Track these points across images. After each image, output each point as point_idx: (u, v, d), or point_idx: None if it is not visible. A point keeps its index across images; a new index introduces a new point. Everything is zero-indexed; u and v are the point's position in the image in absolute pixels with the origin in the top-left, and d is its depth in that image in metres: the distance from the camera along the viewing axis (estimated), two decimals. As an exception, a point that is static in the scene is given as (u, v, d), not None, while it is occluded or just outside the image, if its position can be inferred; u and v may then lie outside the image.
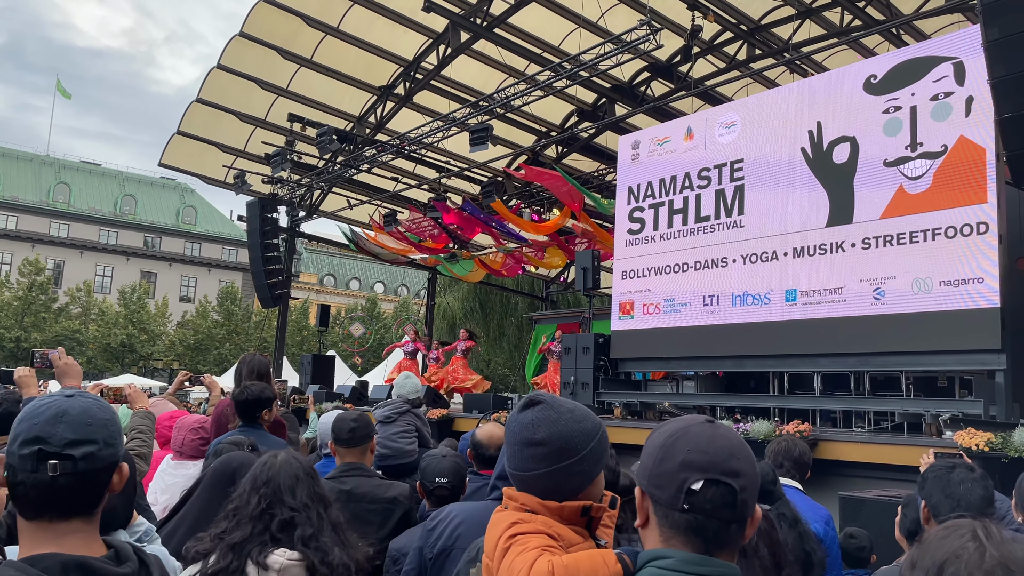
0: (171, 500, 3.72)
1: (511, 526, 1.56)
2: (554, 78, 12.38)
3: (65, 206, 50.91)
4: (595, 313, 13.04)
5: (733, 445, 1.29)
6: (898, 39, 11.98)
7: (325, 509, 2.14)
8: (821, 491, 5.86)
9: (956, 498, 2.52)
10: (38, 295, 40.39)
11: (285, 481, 2.12)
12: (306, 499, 2.10)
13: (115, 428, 1.45)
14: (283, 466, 2.16)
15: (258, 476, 2.15)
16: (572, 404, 1.70)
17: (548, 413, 1.64)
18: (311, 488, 2.14)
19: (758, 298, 8.88)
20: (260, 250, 17.19)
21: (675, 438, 1.30)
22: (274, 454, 2.22)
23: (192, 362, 41.14)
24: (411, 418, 5.97)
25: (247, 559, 1.98)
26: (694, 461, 1.26)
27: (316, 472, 2.24)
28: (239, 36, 14.78)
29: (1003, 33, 5.63)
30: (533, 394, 1.72)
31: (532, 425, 1.63)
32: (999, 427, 6.12)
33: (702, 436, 1.29)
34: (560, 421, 1.63)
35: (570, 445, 1.61)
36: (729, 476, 1.25)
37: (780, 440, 4.05)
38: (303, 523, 2.06)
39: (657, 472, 1.29)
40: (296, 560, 2.00)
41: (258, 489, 2.12)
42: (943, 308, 7.35)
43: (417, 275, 49.14)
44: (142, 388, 4.22)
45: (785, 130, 8.96)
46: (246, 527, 2.04)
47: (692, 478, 1.25)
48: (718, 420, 1.37)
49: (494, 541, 1.58)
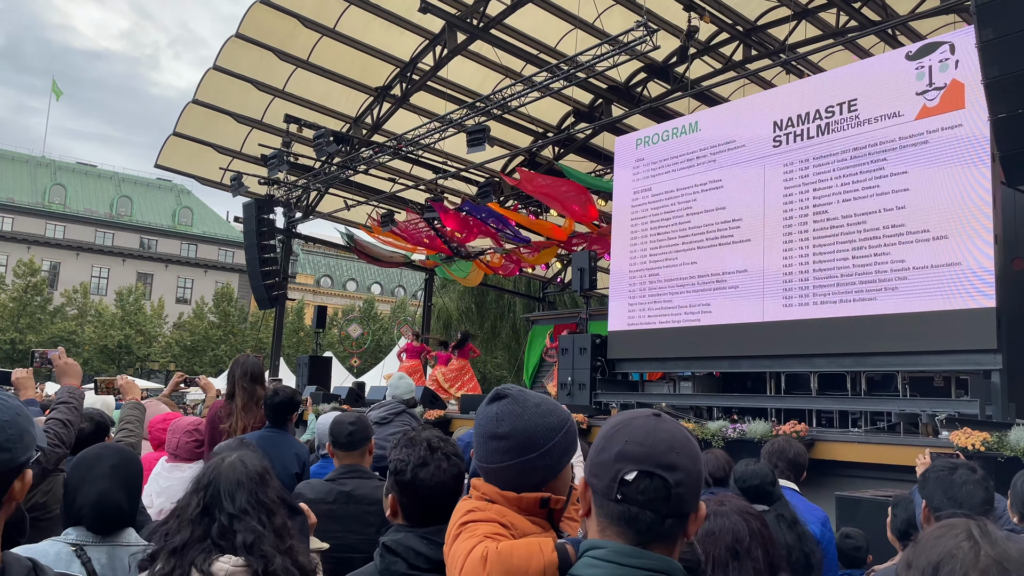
0: (166, 503, 3.72)
1: (465, 513, 1.58)
2: (551, 79, 12.39)
3: (61, 207, 50.81)
4: (592, 314, 13.05)
5: (675, 439, 1.28)
6: (894, 40, 12.01)
7: (269, 516, 2.06)
8: (817, 491, 5.87)
9: (958, 500, 2.52)
10: (33, 296, 40.32)
11: (225, 485, 2.04)
12: (246, 505, 2.03)
13: (14, 431, 1.31)
14: (226, 470, 2.08)
15: (200, 478, 2.09)
16: (539, 398, 1.69)
17: (513, 407, 1.65)
18: (254, 494, 2.06)
19: (755, 298, 8.90)
20: (257, 251, 17.16)
21: (616, 429, 1.31)
22: (222, 457, 2.15)
23: (188, 363, 41.09)
24: (407, 418, 5.99)
25: (191, 566, 1.93)
26: (630, 452, 1.26)
27: (268, 476, 2.16)
28: (235, 37, 14.77)
29: (997, 34, 5.65)
30: (501, 387, 1.72)
31: (496, 418, 1.64)
32: (995, 427, 6.14)
33: (643, 429, 1.29)
34: (524, 416, 1.63)
35: (533, 440, 1.61)
36: (663, 469, 1.24)
37: (775, 441, 4.06)
38: (242, 530, 1.99)
39: (596, 461, 1.30)
40: (241, 567, 1.95)
41: (198, 491, 2.06)
42: (939, 308, 7.38)
43: (414, 276, 49.18)
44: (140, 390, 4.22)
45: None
46: (186, 530, 1.99)
47: (626, 469, 1.25)
48: (667, 415, 1.35)
49: (449, 528, 1.60)
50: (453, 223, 16.85)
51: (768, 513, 2.75)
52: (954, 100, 7.57)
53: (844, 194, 8.34)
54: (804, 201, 8.65)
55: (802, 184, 8.70)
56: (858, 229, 8.15)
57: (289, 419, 4.17)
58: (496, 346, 28.80)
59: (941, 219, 7.50)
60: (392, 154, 15.42)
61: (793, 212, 8.73)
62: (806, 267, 8.51)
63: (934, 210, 7.57)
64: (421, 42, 14.78)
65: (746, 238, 9.12)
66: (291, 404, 4.12)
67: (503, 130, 15.93)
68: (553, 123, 16.67)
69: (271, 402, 4.09)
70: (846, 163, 8.37)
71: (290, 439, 4.09)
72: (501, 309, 28.39)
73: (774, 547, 2.14)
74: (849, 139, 8.39)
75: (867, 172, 8.17)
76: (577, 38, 13.42)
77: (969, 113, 7.39)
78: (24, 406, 1.40)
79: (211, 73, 15.53)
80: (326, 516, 2.98)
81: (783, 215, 8.81)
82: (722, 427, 7.42)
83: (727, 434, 7.29)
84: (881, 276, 7.88)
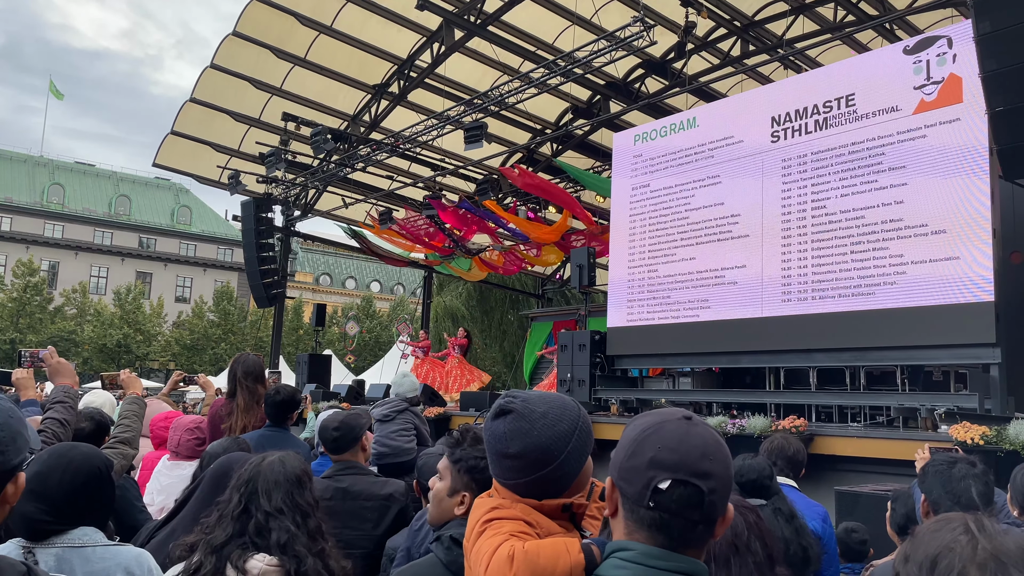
0: (167, 500, 3.72)
1: (490, 511, 1.55)
2: (548, 75, 12.37)
3: (59, 207, 50.75)
4: (591, 310, 13.06)
5: (707, 445, 1.26)
6: (891, 34, 12.01)
7: (303, 517, 2.10)
8: (817, 486, 5.88)
9: (957, 494, 2.52)
10: (33, 296, 40.28)
11: (263, 484, 2.08)
12: (281, 504, 2.06)
13: (6, 433, 1.31)
14: (266, 469, 2.12)
15: (241, 475, 2.13)
16: (545, 406, 1.61)
17: (520, 424, 1.57)
18: (290, 494, 2.10)
19: (754, 294, 8.90)
20: (255, 250, 17.15)
21: (647, 434, 1.28)
22: (263, 456, 2.19)
23: (188, 362, 41.08)
24: (409, 416, 6.01)
25: (227, 561, 1.96)
26: (663, 460, 1.24)
27: (306, 478, 2.19)
28: (232, 35, 14.75)
29: (994, 27, 5.65)
30: (505, 399, 1.64)
31: (505, 438, 1.57)
32: (994, 421, 6.15)
33: (674, 434, 1.26)
34: (533, 432, 1.55)
35: (547, 455, 1.55)
36: (698, 477, 1.23)
37: (774, 438, 4.05)
38: (277, 528, 2.03)
39: (626, 466, 1.28)
40: (275, 566, 1.98)
41: (239, 488, 2.10)
42: (938, 302, 7.38)
43: (413, 274, 49.13)
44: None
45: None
46: (227, 527, 2.02)
47: (660, 477, 1.23)
48: (698, 417, 1.32)
49: (471, 524, 1.56)
50: (452, 220, 16.86)
51: (765, 507, 2.75)
52: (952, 94, 7.57)
53: (842, 189, 8.34)
54: (802, 196, 8.65)
55: (800, 179, 8.70)
56: (856, 224, 8.15)
57: (289, 417, 4.18)
58: (499, 343, 28.78)
59: (939, 213, 7.50)
60: (390, 151, 15.41)
61: (791, 208, 8.73)
62: (805, 262, 8.51)
63: (932, 205, 7.57)
64: (419, 39, 14.77)
65: (744, 234, 9.12)
66: (292, 403, 4.14)
67: (501, 127, 15.92)
68: (551, 119, 16.66)
69: (272, 400, 4.09)
70: (844, 158, 8.37)
71: (290, 438, 4.10)
72: (504, 306, 28.37)
73: (772, 540, 2.15)
74: (847, 134, 8.39)
75: (865, 167, 8.17)
76: (575, 34, 13.41)
77: (967, 107, 7.39)
78: (16, 408, 1.40)
79: (208, 72, 15.51)
80: (323, 512, 2.98)
81: (781, 211, 8.81)
82: (721, 422, 7.43)
83: (726, 429, 7.30)
84: (880, 271, 7.89)
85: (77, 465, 2.24)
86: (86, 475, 2.25)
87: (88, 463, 2.28)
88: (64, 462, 2.23)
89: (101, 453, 2.47)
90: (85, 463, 2.27)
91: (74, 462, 2.24)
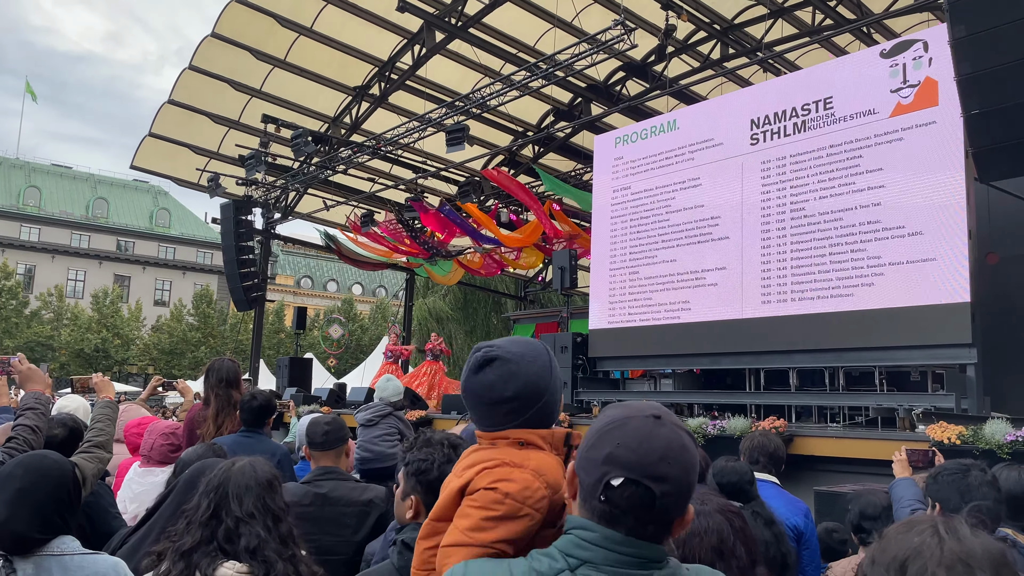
0: (140, 509, 3.66)
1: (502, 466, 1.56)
2: (530, 78, 12.38)
3: (36, 210, 50.07)
4: (573, 312, 13.08)
5: (669, 447, 1.23)
6: (869, 38, 12.13)
7: (275, 522, 2.07)
8: (796, 486, 5.90)
9: (975, 501, 2.51)
10: (8, 300, 39.71)
11: (234, 489, 2.06)
12: (252, 509, 2.04)
13: None
14: (236, 473, 2.10)
15: (210, 480, 2.10)
16: (519, 347, 1.68)
17: (508, 367, 1.63)
18: (261, 499, 2.07)
19: (735, 295, 8.95)
20: (235, 252, 17.02)
21: (611, 427, 1.27)
22: (232, 460, 2.17)
23: (167, 366, 40.68)
24: (393, 420, 5.97)
25: (195, 569, 1.94)
26: (619, 457, 1.22)
27: (277, 482, 2.16)
28: (211, 37, 14.64)
29: (969, 31, 5.71)
30: (483, 351, 1.68)
31: (498, 384, 1.62)
32: (970, 420, 6.22)
33: (637, 433, 1.24)
34: (521, 371, 1.63)
35: (537, 389, 1.64)
36: (652, 479, 1.21)
37: (754, 436, 4.07)
38: (247, 534, 2.00)
39: (585, 456, 1.28)
40: (244, 573, 1.96)
41: (208, 494, 2.07)
42: (915, 303, 7.45)
43: (395, 276, 49.02)
44: (117, 393, 4.16)
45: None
46: (196, 533, 2.00)
47: (613, 473, 1.22)
48: (669, 415, 1.29)
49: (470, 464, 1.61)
50: (433, 223, 16.82)
51: (744, 510, 2.76)
52: (928, 97, 7.65)
53: (821, 191, 8.40)
54: (781, 198, 8.71)
55: (779, 181, 8.76)
56: (835, 226, 8.22)
57: (266, 423, 4.14)
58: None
59: (916, 215, 7.58)
60: (371, 154, 15.36)
61: (771, 209, 8.79)
62: (784, 264, 8.56)
63: (909, 206, 7.64)
64: (399, 41, 14.73)
65: (724, 236, 9.17)
66: (268, 408, 4.11)
67: (483, 129, 15.91)
68: (533, 122, 16.68)
69: (248, 406, 4.07)
70: (822, 160, 8.44)
71: (265, 442, 4.06)
72: (487, 308, 28.35)
73: (754, 544, 2.16)
74: (825, 136, 8.46)
75: (843, 169, 8.24)
76: (555, 37, 13.43)
77: (943, 110, 7.47)
78: None
79: (187, 73, 15.38)
80: (302, 519, 2.94)
81: (761, 213, 8.87)
82: (702, 423, 7.45)
83: (707, 431, 7.33)
84: (858, 272, 7.95)
85: (56, 476, 2.24)
86: (67, 485, 2.26)
87: (62, 472, 2.28)
88: (42, 473, 2.23)
89: (68, 460, 2.47)
90: (62, 473, 2.27)
91: (52, 473, 2.25)
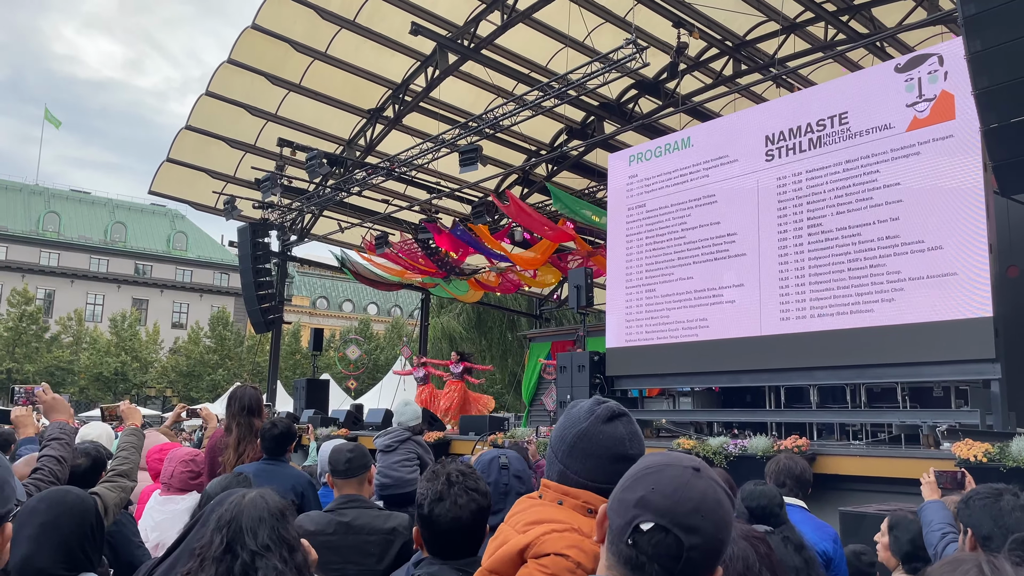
0: (161, 537, 3.66)
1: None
2: (542, 97, 12.44)
3: (55, 235, 50.71)
4: (589, 330, 13.03)
5: (704, 500, 1.21)
6: (882, 52, 12.10)
7: (290, 552, 2.03)
8: (821, 506, 5.82)
9: (1008, 526, 2.44)
10: (28, 325, 40.13)
11: (247, 522, 2.00)
12: (267, 541, 1.99)
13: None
14: (248, 506, 2.04)
15: (222, 515, 2.05)
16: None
17: (634, 427, 1.64)
18: (276, 530, 2.03)
19: (753, 312, 8.89)
20: (252, 275, 17.13)
21: (648, 472, 1.26)
22: (243, 493, 2.12)
23: (185, 389, 40.90)
24: (412, 446, 5.90)
25: None
26: (652, 502, 1.21)
27: (289, 512, 2.13)
28: (227, 63, 14.83)
29: (986, 45, 5.68)
30: (612, 403, 1.66)
31: (627, 440, 1.61)
32: (996, 437, 6.12)
33: (674, 480, 1.23)
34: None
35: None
36: (682, 529, 1.18)
37: (779, 458, 4.02)
38: (264, 567, 1.96)
39: (618, 498, 1.26)
40: None
41: (220, 528, 2.01)
42: (936, 319, 7.37)
43: (410, 296, 49.05)
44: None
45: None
46: (209, 569, 1.95)
47: (644, 517, 1.20)
48: (709, 470, 1.29)
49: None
50: (447, 243, 16.87)
51: (774, 535, 2.72)
52: (944, 111, 7.61)
53: (838, 207, 8.36)
54: (798, 214, 8.67)
55: (796, 197, 8.73)
56: (853, 241, 8.16)
57: (287, 449, 4.14)
58: (499, 364, 28.70)
59: (935, 230, 7.51)
60: (386, 175, 15.46)
61: (787, 226, 8.75)
62: (802, 280, 8.51)
63: (928, 221, 7.59)
64: (413, 63, 14.86)
65: (741, 252, 9.12)
66: (288, 436, 4.11)
67: (496, 149, 15.98)
68: (546, 141, 16.73)
69: (268, 434, 4.06)
70: (839, 175, 8.40)
71: (288, 470, 4.06)
72: (502, 326, 28.32)
73: (782, 570, 2.12)
74: (841, 152, 8.43)
75: (860, 184, 8.20)
76: (568, 56, 13.50)
77: (960, 123, 7.43)
78: (2, 455, 1.39)
79: (204, 99, 15.57)
80: (325, 547, 2.94)
81: (777, 229, 8.82)
82: (723, 443, 7.38)
83: (728, 451, 7.26)
84: (878, 287, 7.88)
85: (80, 511, 2.25)
86: (90, 520, 2.26)
87: (84, 507, 2.29)
88: (64, 508, 2.24)
89: (90, 495, 2.48)
90: (84, 508, 2.27)
91: (75, 508, 2.25)
